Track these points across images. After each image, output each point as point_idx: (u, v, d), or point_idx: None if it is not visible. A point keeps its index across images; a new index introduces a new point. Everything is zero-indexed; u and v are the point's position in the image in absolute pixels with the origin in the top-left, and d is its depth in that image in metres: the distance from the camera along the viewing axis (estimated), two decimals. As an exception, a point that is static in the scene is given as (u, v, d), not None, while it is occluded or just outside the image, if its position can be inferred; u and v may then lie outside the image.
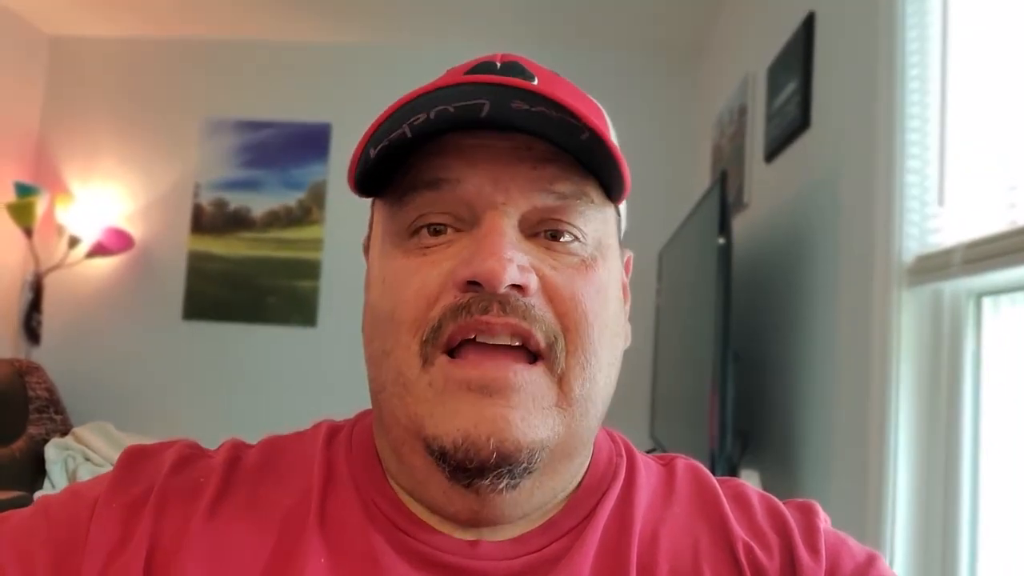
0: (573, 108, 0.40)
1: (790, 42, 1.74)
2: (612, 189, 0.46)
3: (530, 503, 0.45)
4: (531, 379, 0.42)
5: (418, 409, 0.42)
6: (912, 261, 1.15)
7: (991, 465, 1.02)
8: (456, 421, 0.41)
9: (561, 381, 0.43)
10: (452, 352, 0.42)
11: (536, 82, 0.45)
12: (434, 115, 0.41)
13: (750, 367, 1.80)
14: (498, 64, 0.47)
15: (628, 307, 0.51)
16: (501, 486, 0.42)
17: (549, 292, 0.43)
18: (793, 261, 1.67)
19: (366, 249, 0.51)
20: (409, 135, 0.42)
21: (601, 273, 0.45)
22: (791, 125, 1.69)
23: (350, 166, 0.44)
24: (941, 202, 1.13)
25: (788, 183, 1.75)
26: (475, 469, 0.41)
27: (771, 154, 1.85)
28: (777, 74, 1.83)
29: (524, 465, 0.41)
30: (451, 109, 0.41)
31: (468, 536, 0.45)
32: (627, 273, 0.52)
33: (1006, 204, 0.96)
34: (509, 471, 0.41)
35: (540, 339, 0.42)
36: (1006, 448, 1.01)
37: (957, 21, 1.13)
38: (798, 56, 1.66)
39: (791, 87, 1.70)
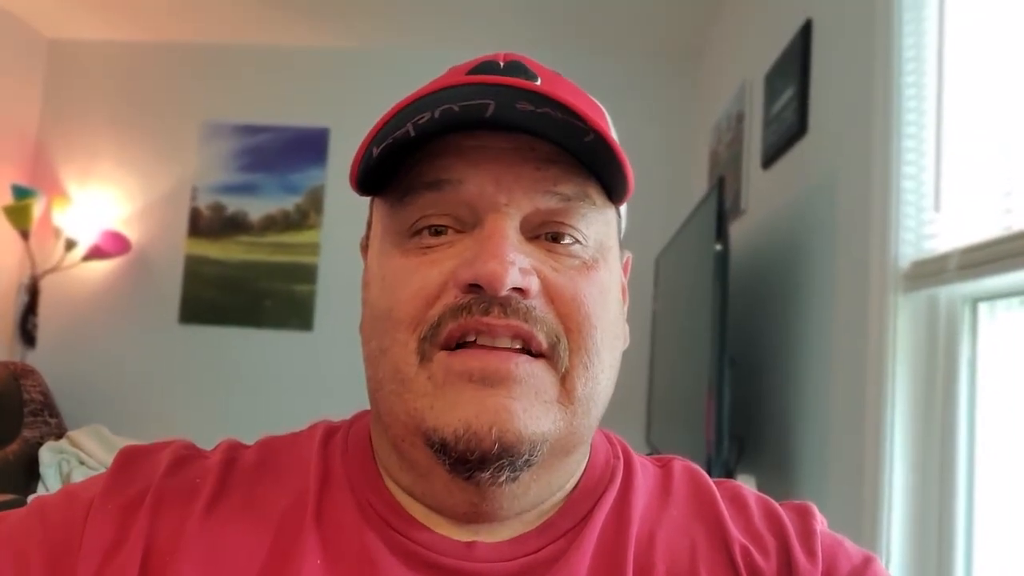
0: (578, 110, 0.40)
1: (787, 49, 1.75)
2: (614, 191, 0.46)
3: (526, 497, 0.45)
4: (533, 372, 0.42)
5: (417, 403, 0.42)
6: (908, 267, 1.15)
7: (986, 469, 1.02)
8: (457, 412, 0.41)
9: (564, 379, 0.43)
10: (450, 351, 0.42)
11: (539, 82, 0.45)
12: (438, 114, 0.41)
13: (746, 372, 1.80)
14: (501, 64, 0.47)
15: (626, 308, 0.51)
16: (502, 479, 0.42)
17: (551, 293, 0.43)
18: (790, 267, 1.67)
19: (364, 248, 0.51)
20: (412, 134, 0.42)
21: (602, 274, 0.45)
22: (788, 131, 1.69)
23: (352, 165, 0.44)
24: (937, 208, 1.13)
25: (785, 189, 1.76)
26: (476, 461, 0.41)
27: (768, 160, 1.86)
28: (774, 81, 1.84)
29: (526, 457, 0.41)
30: (456, 108, 0.41)
31: (465, 537, 0.45)
32: (625, 274, 0.52)
33: (1002, 210, 0.97)
34: (510, 463, 0.41)
35: (542, 340, 0.42)
36: (1002, 452, 1.01)
37: (953, 28, 1.13)
38: (795, 63, 1.67)
39: (788, 94, 1.71)
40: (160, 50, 3.24)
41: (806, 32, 1.64)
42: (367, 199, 0.50)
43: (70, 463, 2.33)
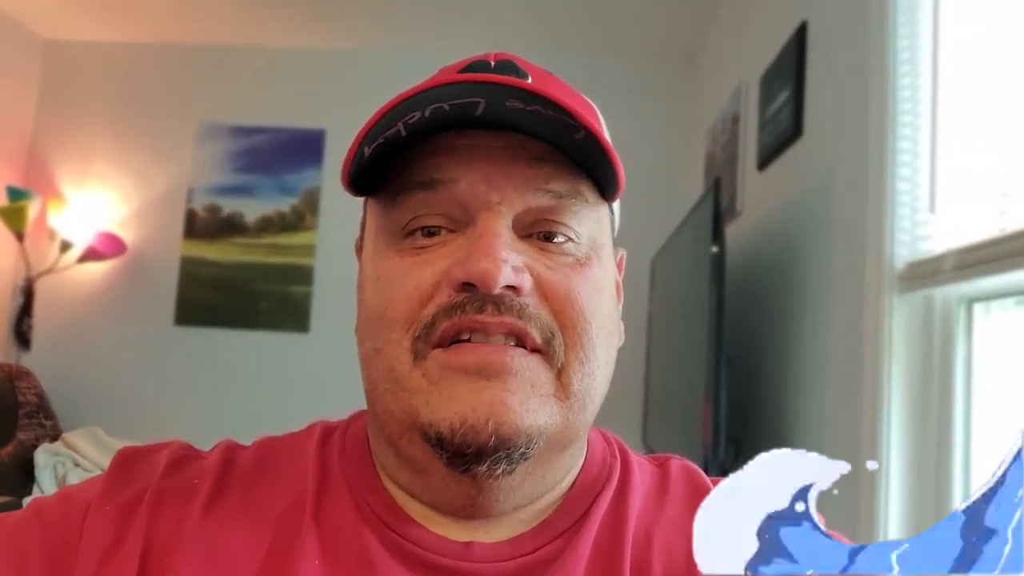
0: (569, 107, 0.40)
1: (783, 51, 1.75)
2: (606, 188, 0.46)
3: (521, 490, 0.45)
4: (528, 365, 0.42)
5: (412, 400, 0.42)
6: (903, 268, 1.15)
7: (982, 469, 1.03)
8: (453, 405, 0.41)
9: (560, 375, 0.43)
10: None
11: (530, 80, 0.45)
12: (429, 113, 0.41)
13: (743, 373, 1.80)
14: (492, 63, 0.47)
15: (621, 305, 0.51)
16: (498, 471, 0.42)
17: (544, 290, 0.43)
18: (785, 268, 1.68)
19: (358, 249, 0.51)
20: (403, 134, 0.42)
21: (596, 271, 0.45)
22: (784, 133, 1.70)
23: (344, 164, 0.44)
24: (932, 209, 1.14)
25: (781, 191, 1.76)
26: (473, 454, 0.41)
27: (764, 162, 1.86)
28: (770, 83, 1.84)
29: (522, 450, 0.41)
30: (446, 107, 0.41)
31: (462, 537, 0.45)
32: (620, 272, 0.52)
33: (996, 211, 0.97)
34: (507, 456, 0.41)
35: (536, 336, 0.42)
36: (997, 452, 1.01)
37: (948, 30, 1.14)
38: (791, 65, 1.68)
39: (784, 95, 1.72)
40: (156, 51, 3.23)
41: (801, 34, 1.64)
42: (362, 200, 0.50)
43: (65, 465, 2.32)
